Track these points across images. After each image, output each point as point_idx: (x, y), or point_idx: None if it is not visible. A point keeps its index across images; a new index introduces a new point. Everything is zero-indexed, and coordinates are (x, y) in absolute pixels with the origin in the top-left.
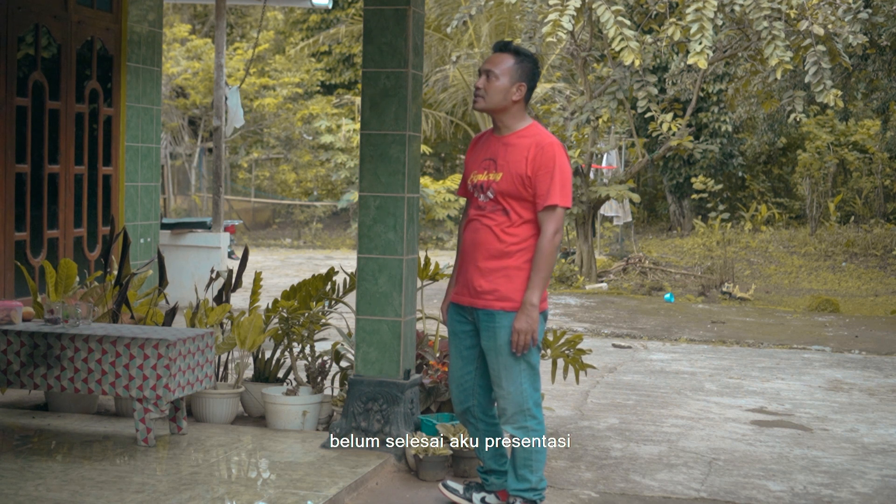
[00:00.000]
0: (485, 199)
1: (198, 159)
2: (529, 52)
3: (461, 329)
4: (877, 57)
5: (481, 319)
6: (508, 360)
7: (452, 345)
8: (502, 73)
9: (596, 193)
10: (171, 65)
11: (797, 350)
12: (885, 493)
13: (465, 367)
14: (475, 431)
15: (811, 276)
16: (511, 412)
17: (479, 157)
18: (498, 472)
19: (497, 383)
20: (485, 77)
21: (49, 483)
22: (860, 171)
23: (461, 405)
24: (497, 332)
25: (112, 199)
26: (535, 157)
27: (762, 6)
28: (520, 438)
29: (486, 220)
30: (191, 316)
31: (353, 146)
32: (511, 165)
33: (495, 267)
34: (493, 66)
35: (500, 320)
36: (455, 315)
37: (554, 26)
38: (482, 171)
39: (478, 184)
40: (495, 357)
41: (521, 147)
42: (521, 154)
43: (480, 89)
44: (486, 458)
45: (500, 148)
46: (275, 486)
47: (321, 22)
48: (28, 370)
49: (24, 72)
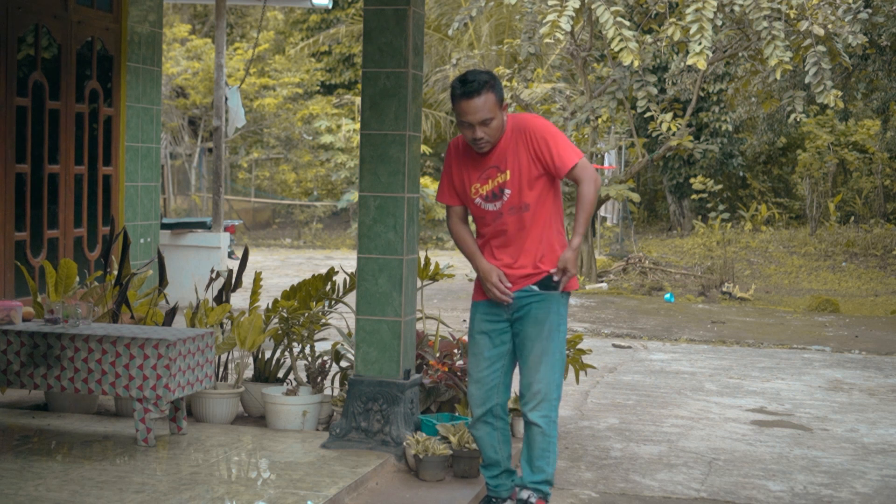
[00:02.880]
0: (500, 203)
1: (198, 159)
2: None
3: (492, 328)
4: (877, 57)
5: (525, 307)
6: (549, 345)
7: (479, 345)
8: (493, 111)
9: None
10: (171, 65)
11: (797, 350)
12: (885, 493)
13: (492, 366)
14: (493, 432)
15: (811, 276)
16: (540, 399)
17: (474, 170)
18: (510, 472)
19: (535, 369)
20: (482, 127)
21: (49, 483)
22: (860, 171)
23: (483, 406)
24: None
25: (112, 199)
26: (530, 136)
27: (762, 6)
28: (542, 427)
29: (511, 219)
30: (191, 316)
31: (353, 146)
32: (515, 159)
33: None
34: (485, 113)
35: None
36: (486, 314)
37: (552, 27)
38: (484, 181)
39: (488, 193)
40: (537, 342)
41: (515, 138)
42: (517, 143)
43: (483, 137)
44: (503, 459)
45: (498, 151)
46: (275, 486)
47: (321, 22)
48: (28, 370)
49: (24, 72)
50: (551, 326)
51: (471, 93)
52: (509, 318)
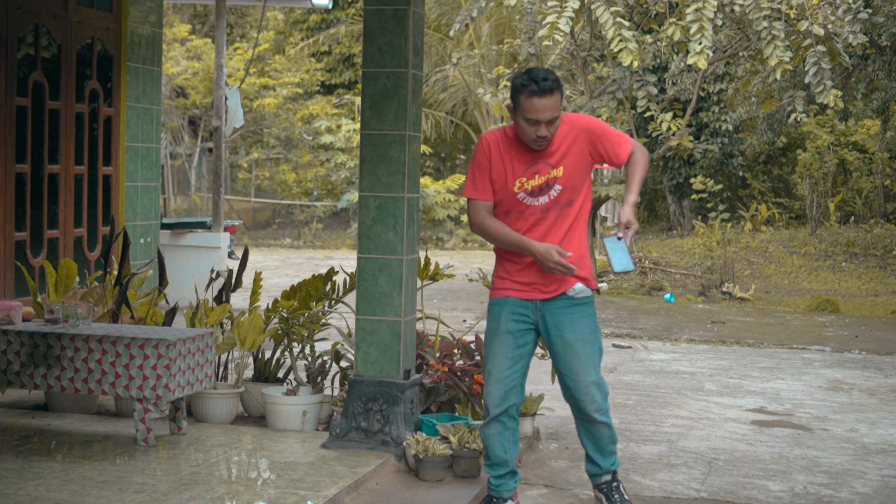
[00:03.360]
0: (546, 198)
1: (198, 159)
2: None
3: (518, 328)
4: (877, 57)
5: (565, 312)
6: (594, 346)
7: (502, 343)
8: (558, 112)
9: (596, 193)
10: (171, 65)
11: (797, 350)
12: (885, 493)
13: (514, 365)
14: (504, 432)
15: (811, 276)
16: (601, 398)
17: (519, 164)
18: (514, 472)
19: (586, 372)
20: (547, 125)
21: (49, 483)
22: (860, 171)
23: (501, 406)
24: (589, 320)
25: (112, 199)
26: (584, 131)
27: (762, 6)
28: (606, 422)
29: (554, 216)
30: (191, 316)
31: (353, 146)
32: (569, 156)
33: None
34: (555, 112)
35: (589, 307)
36: (514, 314)
37: (551, 29)
38: (532, 175)
39: (535, 188)
40: (583, 345)
41: (566, 135)
42: (570, 140)
43: (546, 137)
44: (511, 459)
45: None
46: (275, 486)
47: (321, 22)
48: (28, 370)
49: (24, 72)
50: (593, 326)
51: (546, 91)
52: (535, 319)
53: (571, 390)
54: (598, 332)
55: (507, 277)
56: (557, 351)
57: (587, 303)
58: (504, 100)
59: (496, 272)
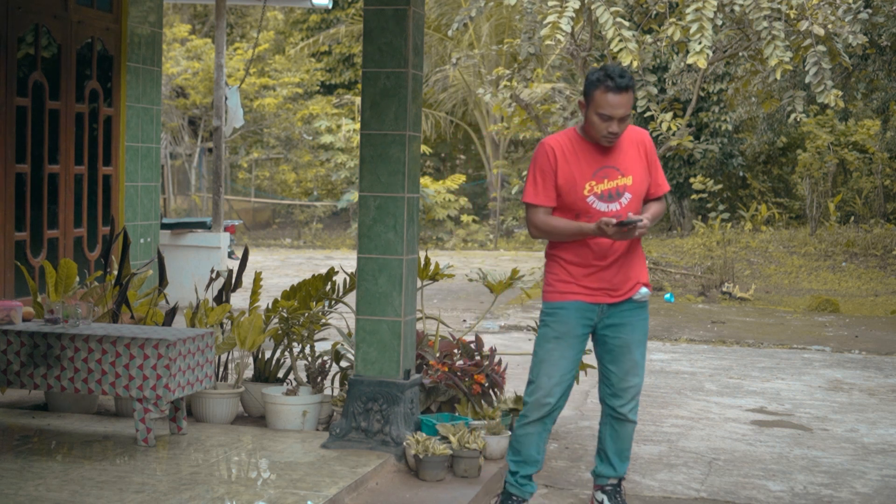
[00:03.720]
0: (617, 205)
1: (198, 159)
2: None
3: (583, 331)
4: (877, 57)
5: (628, 315)
6: (644, 350)
7: (570, 347)
8: (630, 110)
9: None
10: (171, 65)
11: (797, 350)
12: (885, 493)
13: (573, 369)
14: (543, 433)
15: (811, 276)
16: (636, 398)
17: (587, 167)
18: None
19: (635, 372)
20: (619, 122)
21: (49, 483)
22: (860, 171)
23: (553, 407)
24: (645, 323)
25: (112, 199)
26: (648, 151)
27: (762, 6)
28: (635, 422)
29: None
30: (191, 316)
31: (353, 146)
32: (636, 167)
33: (635, 262)
34: (628, 109)
35: (646, 311)
36: (582, 317)
37: (552, 29)
38: (601, 179)
39: (604, 192)
40: (638, 347)
41: (634, 146)
42: (638, 153)
43: (617, 134)
44: (542, 461)
45: (613, 153)
46: (275, 486)
47: (321, 22)
48: (28, 370)
49: (24, 72)
50: (647, 329)
51: (621, 88)
52: (596, 322)
53: (615, 388)
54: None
55: (573, 281)
56: (612, 350)
57: (645, 306)
58: (504, 100)
59: (556, 275)
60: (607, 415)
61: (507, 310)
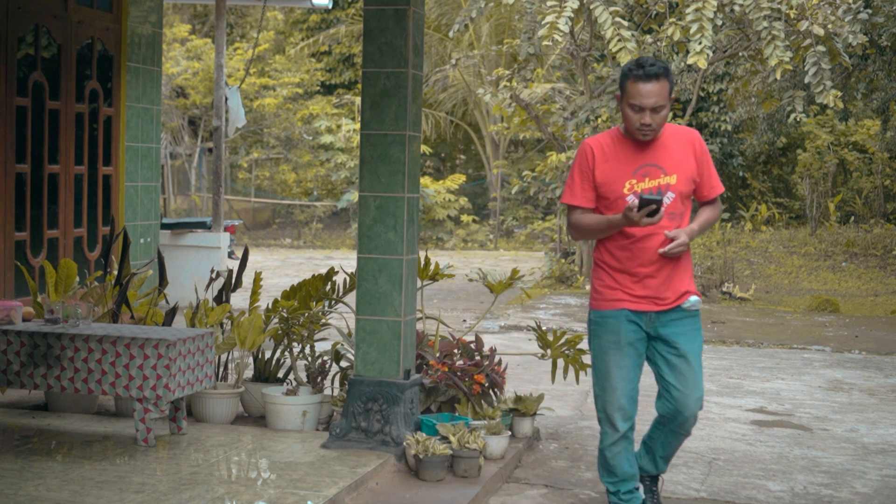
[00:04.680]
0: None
1: (198, 159)
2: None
3: (637, 338)
4: (877, 57)
5: (679, 324)
6: (700, 358)
7: (625, 355)
8: (665, 100)
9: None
10: (171, 65)
11: (797, 350)
12: (885, 493)
13: (637, 376)
14: (630, 446)
15: (811, 276)
16: (697, 412)
17: (628, 165)
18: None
19: (696, 386)
20: (651, 113)
21: (49, 483)
22: (860, 171)
23: (629, 420)
24: (699, 332)
25: (112, 199)
26: (699, 150)
27: (762, 6)
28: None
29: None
30: (191, 316)
31: (353, 146)
32: (682, 166)
33: (682, 268)
34: (659, 100)
35: (699, 320)
36: (631, 325)
37: (550, 29)
38: (641, 178)
39: (645, 191)
40: (695, 357)
41: (681, 145)
42: (685, 152)
43: (651, 124)
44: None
45: (656, 152)
46: (275, 486)
47: (321, 22)
48: (28, 370)
49: (24, 72)
50: (701, 339)
51: (650, 75)
52: (647, 330)
53: (676, 402)
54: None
55: (619, 288)
56: (670, 362)
57: (696, 315)
58: (503, 100)
59: (602, 282)
60: (660, 424)
61: (507, 310)
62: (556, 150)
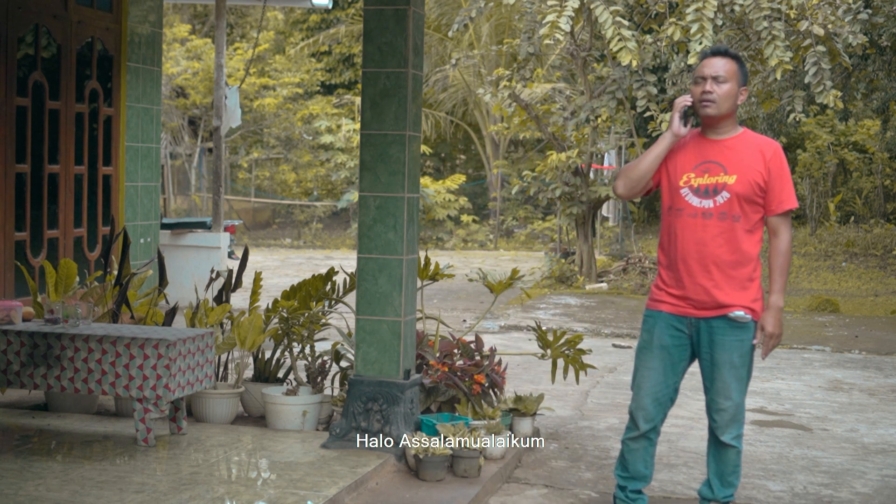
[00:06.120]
0: (711, 202)
1: (198, 159)
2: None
3: (674, 342)
4: (877, 57)
5: (718, 332)
6: (742, 372)
7: (654, 358)
8: (730, 77)
9: (596, 193)
10: (171, 65)
11: (797, 350)
12: (885, 493)
13: (667, 381)
14: (650, 447)
15: (811, 276)
16: (732, 422)
17: (691, 158)
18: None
19: (725, 395)
20: (712, 82)
21: (49, 483)
22: (860, 171)
23: (651, 422)
24: (742, 344)
25: (112, 199)
26: (772, 160)
27: (762, 6)
28: (736, 447)
29: (716, 226)
30: (191, 316)
31: (353, 146)
32: (746, 169)
33: (732, 277)
34: (720, 70)
35: (746, 332)
36: (669, 328)
37: (551, 28)
38: (701, 173)
39: (700, 187)
40: (730, 369)
41: (752, 151)
42: (754, 158)
43: (712, 94)
44: (651, 475)
45: (723, 151)
46: (275, 486)
47: (321, 22)
48: (28, 370)
49: (24, 72)
50: (743, 351)
51: (717, 52)
52: (690, 334)
53: (710, 409)
54: (750, 358)
55: (664, 289)
56: (704, 369)
57: (744, 328)
58: (503, 100)
59: (656, 281)
60: (709, 435)
61: (507, 310)
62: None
